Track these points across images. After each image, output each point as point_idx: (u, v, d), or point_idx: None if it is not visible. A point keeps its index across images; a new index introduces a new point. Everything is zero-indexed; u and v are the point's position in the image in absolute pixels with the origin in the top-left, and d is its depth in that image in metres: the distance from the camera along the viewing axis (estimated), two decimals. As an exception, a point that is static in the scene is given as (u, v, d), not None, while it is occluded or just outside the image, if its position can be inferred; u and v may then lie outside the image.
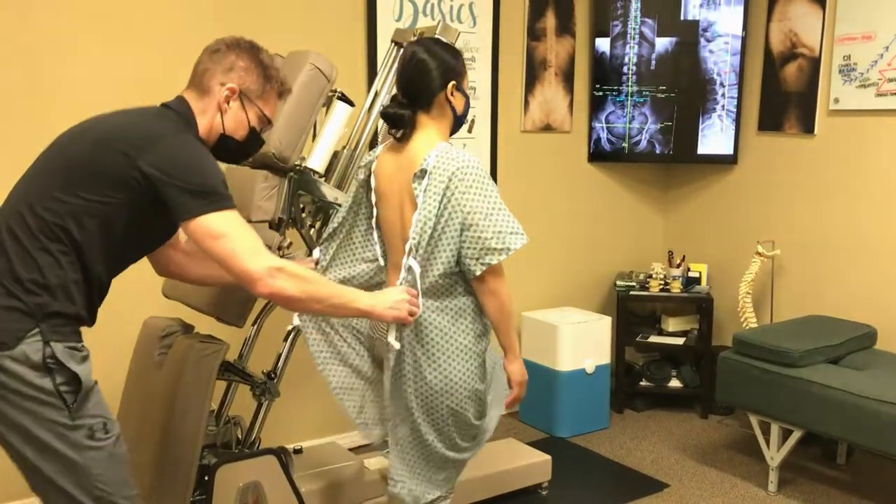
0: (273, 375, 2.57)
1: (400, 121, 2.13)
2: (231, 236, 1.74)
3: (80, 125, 1.87)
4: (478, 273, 2.08)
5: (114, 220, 1.76)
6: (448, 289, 2.12)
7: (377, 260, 2.28)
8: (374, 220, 2.26)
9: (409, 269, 2.12)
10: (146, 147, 1.73)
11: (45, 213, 1.73)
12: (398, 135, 2.16)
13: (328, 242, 2.34)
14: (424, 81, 2.11)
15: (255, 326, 2.67)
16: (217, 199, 1.74)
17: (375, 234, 2.26)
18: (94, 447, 1.75)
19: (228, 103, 1.92)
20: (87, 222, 1.74)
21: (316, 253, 2.33)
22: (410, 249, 2.10)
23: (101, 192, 1.73)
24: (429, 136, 2.13)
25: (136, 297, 3.12)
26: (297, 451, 3.05)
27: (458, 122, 2.20)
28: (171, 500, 2.29)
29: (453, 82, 2.13)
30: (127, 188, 1.74)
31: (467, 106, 2.20)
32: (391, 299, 2.03)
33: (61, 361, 1.71)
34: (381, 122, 2.67)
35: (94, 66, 2.96)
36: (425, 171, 2.06)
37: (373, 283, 2.30)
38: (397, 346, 2.12)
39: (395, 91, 2.20)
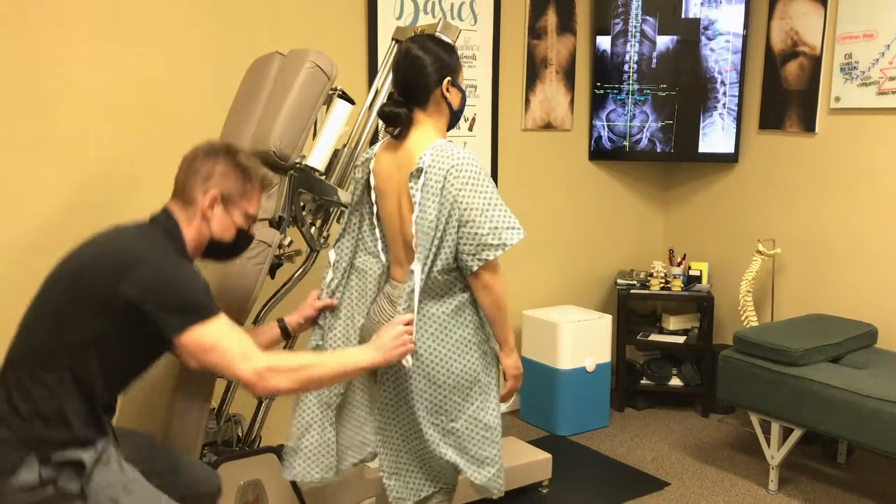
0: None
1: (397, 119, 2.13)
2: (220, 347, 1.78)
3: (68, 257, 1.89)
4: (474, 269, 2.08)
5: (108, 347, 1.80)
6: (448, 286, 2.13)
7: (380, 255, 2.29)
8: (374, 217, 2.27)
9: (411, 273, 2.12)
10: (125, 271, 1.76)
11: (42, 351, 1.79)
12: (395, 132, 2.16)
13: (340, 242, 2.33)
14: (420, 78, 2.11)
15: (256, 324, 2.67)
16: (200, 310, 1.78)
17: (378, 231, 2.27)
18: None
19: (212, 209, 1.96)
20: (81, 353, 1.78)
21: (332, 255, 2.32)
22: (415, 251, 2.10)
23: (91, 322, 1.77)
24: (426, 133, 2.13)
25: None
26: (298, 450, 3.05)
27: (454, 117, 2.20)
28: (172, 498, 2.29)
29: (448, 78, 2.13)
30: (113, 314, 1.77)
31: (463, 101, 2.21)
32: (388, 343, 2.04)
33: (56, 481, 1.76)
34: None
35: (94, 66, 2.96)
36: (421, 170, 2.07)
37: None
38: (410, 363, 2.13)
39: (391, 89, 2.21)
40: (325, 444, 2.31)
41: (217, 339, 1.78)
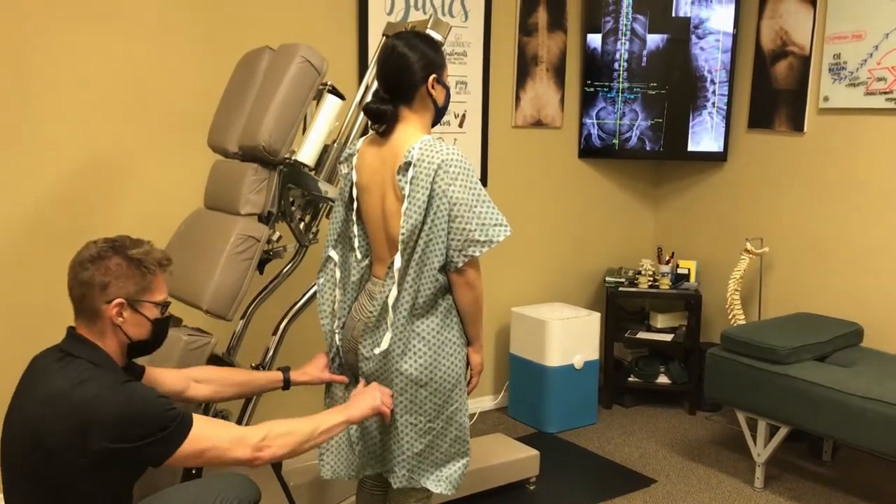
0: (262, 369, 2.56)
1: (382, 116, 2.13)
2: (210, 447, 1.77)
3: (12, 431, 1.78)
4: (460, 265, 2.08)
5: (98, 496, 1.75)
6: (439, 292, 2.12)
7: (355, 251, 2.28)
8: (353, 214, 2.26)
9: (391, 266, 2.11)
10: (85, 429, 1.66)
11: None
12: (381, 129, 2.16)
13: (334, 240, 2.32)
14: (406, 76, 2.11)
15: (244, 320, 2.66)
16: (177, 430, 1.73)
17: (355, 228, 2.26)
18: None
19: (121, 316, 1.83)
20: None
21: (333, 254, 2.31)
22: (401, 243, 2.09)
23: (74, 485, 1.71)
24: (411, 130, 2.13)
25: (124, 289, 3.10)
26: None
27: (439, 113, 2.21)
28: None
29: (434, 75, 2.13)
30: (93, 469, 1.69)
31: (448, 98, 2.21)
32: (360, 405, 2.08)
33: None
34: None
35: (83, 58, 2.94)
36: (410, 164, 2.06)
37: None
38: (385, 345, 2.12)
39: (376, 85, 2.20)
40: (347, 443, 2.32)
41: (206, 444, 1.76)
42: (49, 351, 1.87)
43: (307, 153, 2.54)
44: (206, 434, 1.77)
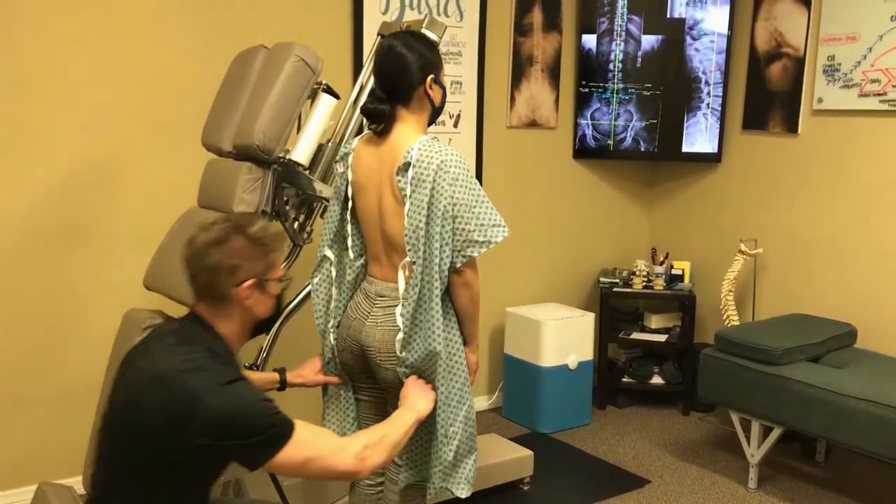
0: (255, 369, 2.56)
1: (380, 116, 2.13)
2: (314, 456, 1.71)
3: (120, 392, 1.75)
4: (458, 265, 2.09)
5: (191, 487, 1.73)
6: (444, 288, 2.13)
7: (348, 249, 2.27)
8: (348, 213, 2.25)
9: (404, 267, 2.11)
10: (189, 418, 1.61)
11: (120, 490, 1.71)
12: (378, 129, 2.16)
13: (330, 240, 2.31)
14: (403, 76, 2.10)
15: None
16: (280, 435, 1.68)
17: (349, 227, 2.26)
18: None
19: (250, 298, 1.79)
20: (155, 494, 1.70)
21: (329, 253, 2.31)
22: (407, 243, 2.09)
23: (168, 476, 1.68)
24: (408, 130, 2.13)
25: (118, 289, 3.09)
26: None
27: (435, 113, 2.21)
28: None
29: (431, 75, 2.13)
30: (191, 462, 1.67)
31: (444, 98, 2.21)
32: (427, 399, 2.09)
33: None
34: (366, 115, 2.66)
35: (79, 58, 2.93)
36: (409, 164, 2.06)
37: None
38: (402, 334, 2.14)
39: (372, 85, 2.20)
40: None
41: (307, 451, 1.70)
42: (170, 326, 1.84)
43: (301, 152, 2.53)
44: (309, 442, 1.71)
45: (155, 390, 1.67)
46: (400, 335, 2.12)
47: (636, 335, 4.24)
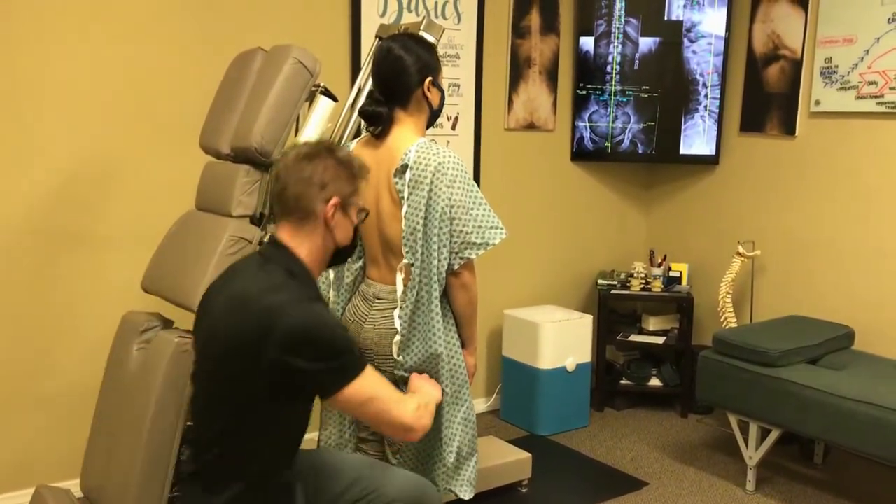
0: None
1: (378, 118, 2.13)
2: (378, 397, 1.74)
3: (203, 326, 1.81)
4: (456, 267, 2.09)
5: (276, 416, 1.75)
6: (442, 290, 2.13)
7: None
8: None
9: (401, 269, 2.11)
10: (267, 333, 1.64)
11: (217, 443, 1.75)
12: (376, 131, 2.16)
13: None
14: (402, 79, 2.11)
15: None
16: (351, 367, 1.71)
17: None
18: None
19: (335, 218, 1.82)
20: (249, 430, 1.73)
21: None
22: (404, 245, 2.09)
23: (253, 395, 1.70)
24: (406, 132, 2.13)
25: (116, 291, 3.09)
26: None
27: (433, 116, 2.21)
28: (149, 495, 2.27)
29: (429, 78, 2.13)
30: (263, 385, 1.68)
31: (443, 100, 2.21)
32: (435, 391, 2.08)
33: None
34: (363, 117, 2.66)
35: (76, 59, 2.92)
36: (406, 167, 2.06)
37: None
38: (399, 337, 2.14)
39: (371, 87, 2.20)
40: (341, 442, 2.33)
41: (373, 391, 1.73)
42: (249, 256, 1.87)
43: (299, 155, 2.53)
44: (377, 384, 1.74)
45: (234, 312, 1.70)
46: (397, 338, 2.12)
47: (634, 337, 4.24)
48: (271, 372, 1.65)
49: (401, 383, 2.17)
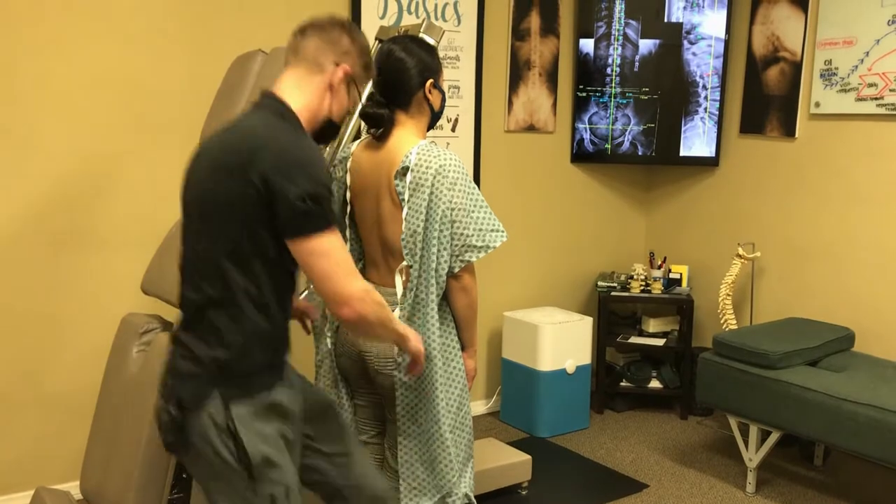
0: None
1: (379, 120, 2.13)
2: (331, 257, 1.71)
3: (197, 156, 1.81)
4: (457, 270, 2.09)
5: (265, 247, 1.72)
6: (441, 293, 2.13)
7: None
8: (346, 218, 2.26)
9: (401, 271, 2.11)
10: (256, 154, 1.66)
11: (210, 276, 1.72)
12: (377, 133, 2.16)
13: None
14: (403, 80, 2.11)
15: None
16: (321, 218, 1.69)
17: (348, 231, 2.26)
18: None
19: (339, 85, 1.84)
20: (243, 263, 1.71)
21: None
22: (404, 248, 2.09)
23: (238, 220, 1.69)
24: (408, 134, 2.13)
25: (115, 293, 3.09)
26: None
27: (434, 118, 2.21)
28: (149, 497, 2.26)
29: (431, 80, 2.14)
30: (254, 205, 1.67)
31: (443, 102, 2.21)
32: (420, 342, 2.03)
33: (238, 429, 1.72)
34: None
35: (72, 60, 2.92)
36: (407, 169, 2.06)
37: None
38: (404, 377, 2.13)
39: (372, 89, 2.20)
40: None
41: (331, 249, 1.70)
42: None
43: (299, 156, 2.52)
44: (339, 247, 1.72)
45: (227, 138, 1.73)
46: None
47: (634, 339, 4.24)
48: (259, 191, 1.65)
49: (400, 387, 2.17)
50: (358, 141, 2.27)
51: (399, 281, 2.13)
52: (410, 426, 2.18)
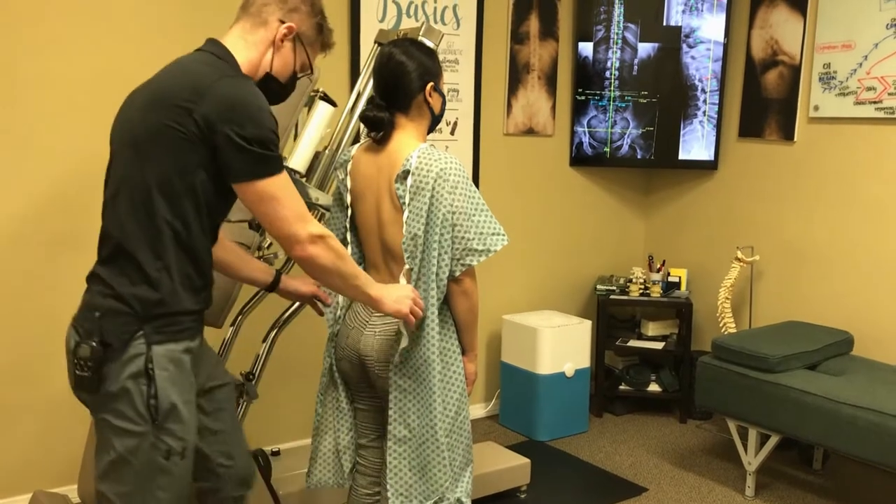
0: (251, 377, 2.55)
1: (379, 123, 2.13)
2: (281, 200, 1.72)
3: (130, 95, 1.82)
4: (458, 274, 2.09)
5: (197, 187, 1.71)
6: (442, 297, 2.13)
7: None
8: (347, 221, 2.25)
9: (406, 273, 2.11)
10: (200, 94, 1.66)
11: (137, 209, 1.72)
12: (377, 137, 2.16)
13: None
14: (403, 84, 2.11)
15: (234, 327, 2.64)
16: (270, 161, 1.70)
17: (348, 235, 2.26)
18: None
19: (283, 42, 1.86)
20: (173, 200, 1.70)
21: None
22: (405, 251, 2.09)
23: (172, 157, 1.68)
24: (408, 137, 2.13)
25: (113, 296, 3.08)
26: (275, 454, 3.03)
27: (435, 121, 2.21)
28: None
29: (431, 83, 2.13)
30: (190, 142, 1.67)
31: (444, 105, 2.21)
32: (396, 294, 2.01)
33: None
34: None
35: (72, 60, 2.92)
36: (408, 172, 2.06)
37: None
38: (406, 343, 2.10)
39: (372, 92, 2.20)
40: (334, 452, 2.31)
41: (279, 193, 1.71)
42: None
43: (298, 160, 2.52)
44: (286, 187, 1.72)
45: (171, 77, 1.73)
46: (404, 342, 2.11)
47: (633, 342, 4.24)
48: (200, 133, 1.66)
49: (394, 390, 2.17)
50: (358, 144, 2.27)
51: (403, 283, 2.13)
52: (402, 430, 2.17)
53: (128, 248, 1.71)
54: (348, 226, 2.26)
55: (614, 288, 4.27)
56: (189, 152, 1.68)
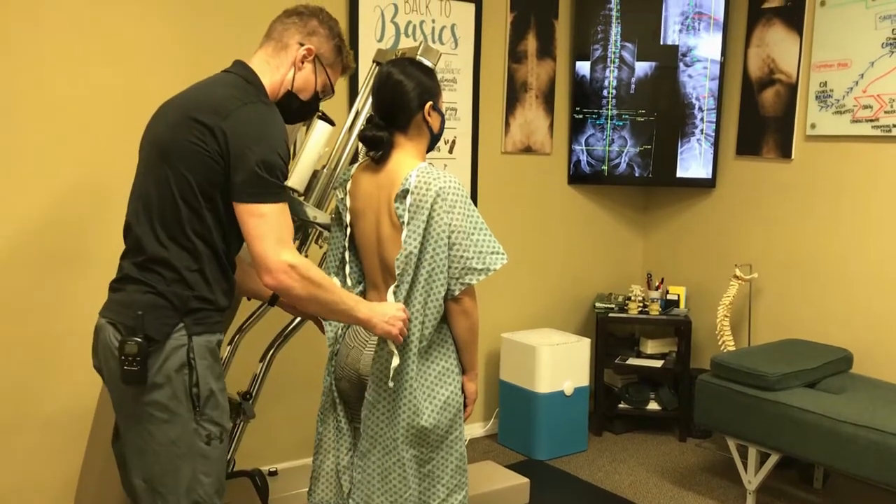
0: (248, 396, 2.54)
1: (378, 143, 2.13)
2: (268, 220, 1.81)
3: (161, 108, 1.96)
4: (457, 293, 2.08)
5: (218, 200, 1.84)
6: (443, 317, 2.12)
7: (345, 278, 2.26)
8: (346, 240, 2.25)
9: (393, 291, 2.10)
10: (224, 116, 1.79)
11: (166, 210, 1.84)
12: (376, 156, 2.16)
13: (336, 266, 2.29)
14: (402, 103, 2.11)
15: (231, 346, 2.64)
16: (274, 189, 1.81)
17: (347, 254, 2.25)
18: None
19: (303, 63, 1.99)
20: (196, 210, 1.83)
21: (337, 281, 2.29)
22: (397, 269, 2.08)
23: (193, 172, 1.81)
24: (407, 156, 2.13)
25: (111, 315, 3.07)
26: (272, 474, 3.01)
27: (434, 140, 2.21)
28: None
29: (430, 102, 2.14)
30: (212, 161, 1.80)
31: (443, 124, 2.21)
32: (387, 313, 2.03)
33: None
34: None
35: (72, 77, 2.93)
36: (407, 191, 2.06)
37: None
38: (397, 362, 2.10)
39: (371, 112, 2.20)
40: (335, 472, 2.29)
41: (270, 216, 1.81)
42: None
43: (297, 179, 2.52)
44: (281, 216, 1.83)
45: (191, 96, 1.88)
46: (395, 361, 2.10)
47: (632, 361, 4.23)
48: (219, 148, 1.78)
49: (365, 406, 2.16)
50: (357, 164, 2.27)
51: (391, 301, 2.12)
52: (365, 443, 2.16)
53: (161, 255, 1.84)
54: (347, 245, 2.25)
55: (613, 306, 4.27)
56: (211, 169, 1.80)
